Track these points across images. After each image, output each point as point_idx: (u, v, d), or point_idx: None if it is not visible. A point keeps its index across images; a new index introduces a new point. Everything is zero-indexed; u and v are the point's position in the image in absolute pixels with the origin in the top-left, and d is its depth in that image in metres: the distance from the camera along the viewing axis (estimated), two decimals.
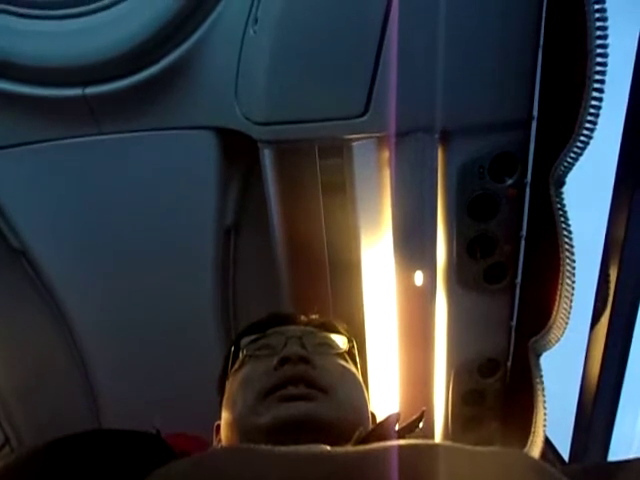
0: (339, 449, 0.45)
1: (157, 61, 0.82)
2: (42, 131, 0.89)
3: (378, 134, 0.78)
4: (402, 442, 0.44)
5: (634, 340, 0.80)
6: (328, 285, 0.92)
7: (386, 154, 0.81)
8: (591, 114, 0.66)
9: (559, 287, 0.79)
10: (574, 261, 0.76)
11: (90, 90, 0.84)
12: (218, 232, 1.01)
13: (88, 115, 0.87)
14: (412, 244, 0.86)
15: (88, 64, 0.81)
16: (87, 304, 1.07)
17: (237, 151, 0.93)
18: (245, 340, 0.74)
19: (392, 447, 0.42)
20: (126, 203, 0.98)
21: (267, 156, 0.83)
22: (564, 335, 0.81)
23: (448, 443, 0.46)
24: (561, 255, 0.77)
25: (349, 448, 0.49)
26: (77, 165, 0.94)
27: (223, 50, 0.82)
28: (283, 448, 0.43)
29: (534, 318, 0.86)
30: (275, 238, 0.92)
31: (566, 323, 0.80)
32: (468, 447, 0.43)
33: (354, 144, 0.79)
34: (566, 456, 0.94)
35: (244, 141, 0.84)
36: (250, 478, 0.40)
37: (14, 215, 0.97)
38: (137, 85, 0.84)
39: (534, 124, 0.78)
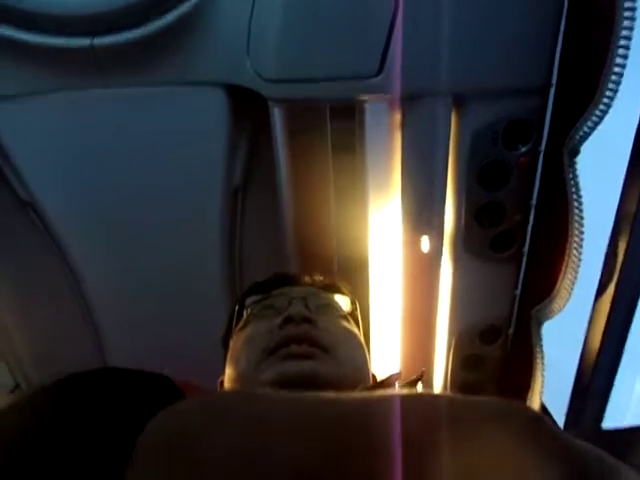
0: (344, 394, 0.45)
1: (167, 12, 0.80)
2: (48, 81, 0.88)
3: (391, 95, 0.76)
4: (405, 391, 0.45)
5: (637, 314, 0.80)
6: (334, 246, 0.92)
7: (398, 117, 0.79)
8: (613, 81, 0.64)
9: (565, 258, 0.79)
10: (583, 232, 0.76)
11: (98, 40, 0.82)
12: (226, 192, 1.00)
13: (95, 66, 0.85)
14: (420, 209, 0.85)
15: (97, 12, 0.79)
16: (95, 257, 1.08)
17: (247, 110, 0.92)
18: (250, 300, 0.74)
19: (396, 395, 0.42)
20: (134, 157, 0.97)
21: (277, 115, 0.82)
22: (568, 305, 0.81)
23: (450, 394, 0.46)
24: (570, 226, 0.76)
25: (355, 394, 0.49)
26: (86, 118, 0.93)
27: (235, 3, 0.79)
28: (289, 392, 0.44)
29: (538, 287, 0.87)
30: (282, 199, 0.91)
31: (570, 294, 0.80)
32: (470, 397, 0.44)
33: (366, 105, 0.78)
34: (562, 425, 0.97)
35: (254, 100, 0.83)
36: (256, 415, 0.40)
37: (23, 166, 0.97)
38: (146, 37, 0.82)
39: (552, 91, 0.76)
